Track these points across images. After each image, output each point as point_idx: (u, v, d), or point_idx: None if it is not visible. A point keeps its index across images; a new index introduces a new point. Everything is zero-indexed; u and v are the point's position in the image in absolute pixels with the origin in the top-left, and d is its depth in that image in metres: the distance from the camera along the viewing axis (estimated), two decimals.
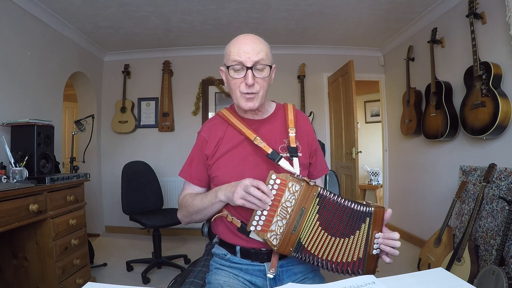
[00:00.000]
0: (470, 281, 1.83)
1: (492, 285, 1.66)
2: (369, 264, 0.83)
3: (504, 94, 1.99)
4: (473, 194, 2.26)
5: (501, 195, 1.96)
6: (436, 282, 0.71)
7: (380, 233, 0.82)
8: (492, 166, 2.05)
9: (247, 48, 0.89)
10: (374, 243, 0.82)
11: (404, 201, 3.38)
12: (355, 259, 0.82)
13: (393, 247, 0.81)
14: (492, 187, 2.06)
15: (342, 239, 0.82)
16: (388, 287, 0.67)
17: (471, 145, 2.37)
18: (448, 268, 1.98)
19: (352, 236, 0.82)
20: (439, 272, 0.76)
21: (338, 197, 0.82)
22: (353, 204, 0.82)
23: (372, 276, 0.71)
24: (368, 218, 0.81)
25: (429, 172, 2.92)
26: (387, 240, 0.81)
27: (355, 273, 0.83)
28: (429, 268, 2.14)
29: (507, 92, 2.01)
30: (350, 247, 0.82)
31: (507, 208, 1.81)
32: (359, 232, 0.82)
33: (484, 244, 2.07)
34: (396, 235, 0.81)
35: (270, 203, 0.81)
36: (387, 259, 0.82)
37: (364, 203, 0.83)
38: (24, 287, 1.83)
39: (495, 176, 2.05)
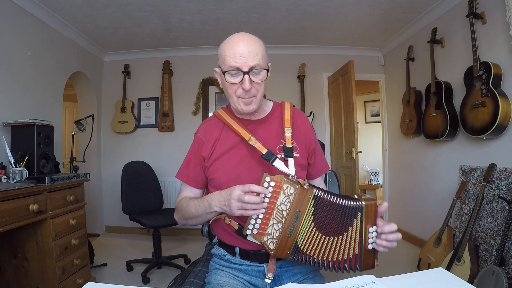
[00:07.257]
0: (470, 281, 1.83)
1: (492, 285, 1.66)
2: (366, 259, 0.81)
3: (504, 94, 1.99)
4: (473, 194, 2.25)
5: (501, 195, 1.96)
6: (436, 282, 0.71)
7: (374, 226, 0.80)
8: (492, 166, 2.05)
9: (243, 51, 0.86)
10: (369, 238, 0.80)
11: (404, 201, 3.37)
12: (351, 256, 0.81)
13: (391, 240, 0.79)
14: (492, 187, 2.06)
15: (337, 237, 0.81)
16: (388, 287, 0.67)
17: (471, 145, 2.37)
18: (448, 268, 1.98)
19: (346, 233, 0.80)
20: (439, 272, 0.76)
21: (332, 195, 0.81)
22: (344, 200, 0.80)
23: (372, 276, 0.71)
24: (359, 213, 0.79)
25: (429, 172, 2.92)
26: (385, 235, 0.79)
27: (353, 269, 0.81)
28: (429, 268, 2.14)
29: (507, 92, 2.00)
30: (345, 245, 0.81)
31: (507, 208, 1.81)
32: (352, 228, 0.80)
33: (484, 244, 2.06)
34: (393, 226, 0.79)
35: (268, 201, 0.80)
36: (381, 248, 0.81)
37: (356, 197, 0.81)
38: (24, 287, 1.83)
39: (495, 176, 2.05)
